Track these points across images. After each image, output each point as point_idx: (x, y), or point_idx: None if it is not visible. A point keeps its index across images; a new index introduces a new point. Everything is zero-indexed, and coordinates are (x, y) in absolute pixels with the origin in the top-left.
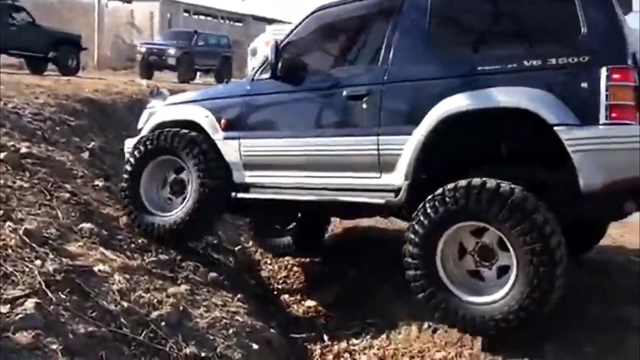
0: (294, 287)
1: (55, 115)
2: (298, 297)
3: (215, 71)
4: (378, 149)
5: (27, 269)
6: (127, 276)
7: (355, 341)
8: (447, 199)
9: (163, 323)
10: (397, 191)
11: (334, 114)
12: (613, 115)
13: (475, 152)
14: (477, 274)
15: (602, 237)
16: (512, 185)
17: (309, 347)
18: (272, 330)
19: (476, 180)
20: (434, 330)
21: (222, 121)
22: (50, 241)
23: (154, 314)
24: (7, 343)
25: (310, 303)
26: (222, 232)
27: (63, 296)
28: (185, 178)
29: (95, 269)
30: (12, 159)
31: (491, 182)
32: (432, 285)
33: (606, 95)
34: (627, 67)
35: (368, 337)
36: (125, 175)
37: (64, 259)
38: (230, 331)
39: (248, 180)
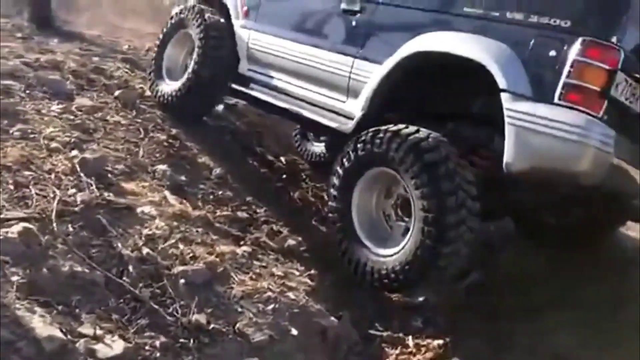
0: None
1: None
2: None
3: None
4: (351, 72)
5: (50, 196)
6: (175, 224)
7: None
8: (361, 145)
9: (182, 281)
10: (352, 119)
11: (326, 25)
12: (570, 96)
13: (426, 100)
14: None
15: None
16: (426, 133)
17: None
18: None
19: (385, 127)
20: None
21: (244, 8)
22: (108, 175)
23: (177, 268)
24: None
25: None
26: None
27: (70, 228)
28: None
29: (139, 209)
30: (125, 97)
31: (398, 127)
32: (348, 238)
33: (569, 72)
34: (609, 44)
35: None
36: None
37: (105, 193)
38: (269, 307)
39: (247, 73)
